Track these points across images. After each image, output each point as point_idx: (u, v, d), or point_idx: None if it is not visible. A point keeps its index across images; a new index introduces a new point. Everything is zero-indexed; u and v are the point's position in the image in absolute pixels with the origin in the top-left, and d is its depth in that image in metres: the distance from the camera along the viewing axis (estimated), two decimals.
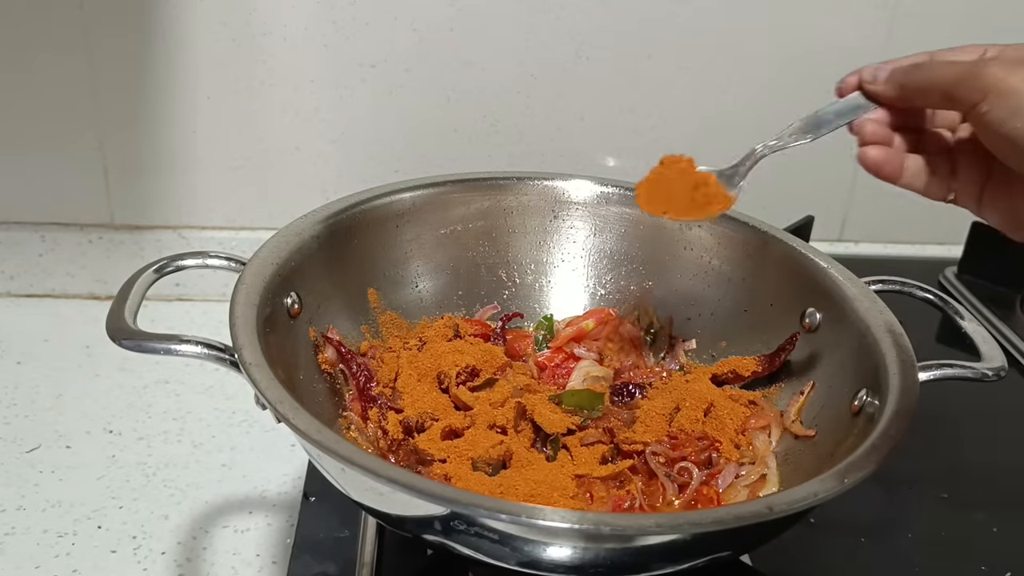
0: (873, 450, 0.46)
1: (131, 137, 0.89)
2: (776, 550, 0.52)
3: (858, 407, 0.54)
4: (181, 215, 0.93)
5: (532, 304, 0.72)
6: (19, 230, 0.92)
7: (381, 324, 0.66)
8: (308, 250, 0.61)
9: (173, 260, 0.59)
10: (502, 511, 0.41)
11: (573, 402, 0.60)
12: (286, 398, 0.46)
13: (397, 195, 0.67)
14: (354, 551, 0.60)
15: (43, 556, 0.63)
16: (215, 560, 0.64)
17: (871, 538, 0.63)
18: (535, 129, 0.93)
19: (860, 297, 0.59)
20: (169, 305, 0.95)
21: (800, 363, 0.63)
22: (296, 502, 0.68)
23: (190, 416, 0.79)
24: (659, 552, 0.44)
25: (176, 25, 0.85)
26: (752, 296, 0.67)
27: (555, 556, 0.43)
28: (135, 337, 0.50)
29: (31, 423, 0.76)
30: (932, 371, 0.54)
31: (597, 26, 0.89)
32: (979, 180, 0.53)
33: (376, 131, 0.91)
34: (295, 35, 0.86)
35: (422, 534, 0.47)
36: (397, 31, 0.87)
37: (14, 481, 0.70)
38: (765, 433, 0.60)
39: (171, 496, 0.70)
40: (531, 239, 0.72)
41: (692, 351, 0.68)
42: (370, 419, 0.59)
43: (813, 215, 0.90)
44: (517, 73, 0.90)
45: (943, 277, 0.99)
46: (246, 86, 0.88)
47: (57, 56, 0.85)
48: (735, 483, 0.57)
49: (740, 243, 0.67)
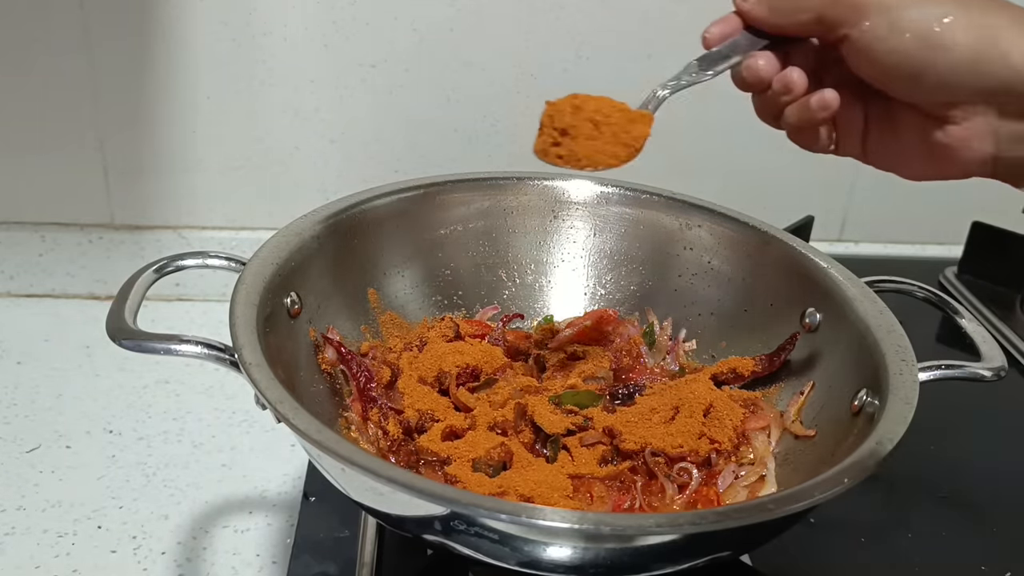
0: (873, 450, 0.46)
1: (131, 137, 0.89)
2: (776, 550, 0.52)
3: (858, 407, 0.54)
4: (181, 215, 0.93)
5: (532, 304, 0.72)
6: (19, 230, 0.92)
7: (381, 324, 0.66)
8: (308, 250, 0.61)
9: (173, 260, 0.59)
10: (502, 511, 0.40)
11: (573, 402, 0.60)
12: (286, 398, 0.46)
13: (397, 195, 0.67)
14: (354, 551, 0.60)
15: (43, 556, 0.63)
16: (215, 560, 0.64)
17: (871, 538, 0.63)
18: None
19: (860, 297, 0.59)
20: (169, 305, 0.95)
21: (800, 363, 0.63)
22: (296, 502, 0.68)
23: (190, 416, 0.79)
24: (659, 552, 0.44)
25: (176, 25, 0.85)
26: (752, 296, 0.67)
27: (555, 556, 0.43)
28: (135, 337, 0.50)
29: (31, 423, 0.76)
30: (932, 371, 0.54)
31: (597, 26, 0.89)
32: (858, 122, 0.49)
33: (376, 131, 0.91)
34: (295, 35, 0.86)
35: (422, 534, 0.47)
36: (397, 31, 0.87)
37: (14, 481, 0.70)
38: (765, 433, 0.60)
39: (171, 496, 0.70)
40: (531, 239, 0.72)
41: (692, 351, 0.68)
42: (370, 419, 0.59)
43: (813, 215, 0.90)
44: (517, 73, 0.90)
45: (943, 277, 0.99)
46: (246, 86, 0.88)
47: (57, 56, 0.85)
48: (735, 484, 0.56)
49: (740, 243, 0.67)
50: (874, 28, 0.43)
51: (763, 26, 0.49)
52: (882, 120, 0.49)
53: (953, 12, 0.42)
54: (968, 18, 0.42)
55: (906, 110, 0.47)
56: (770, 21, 0.48)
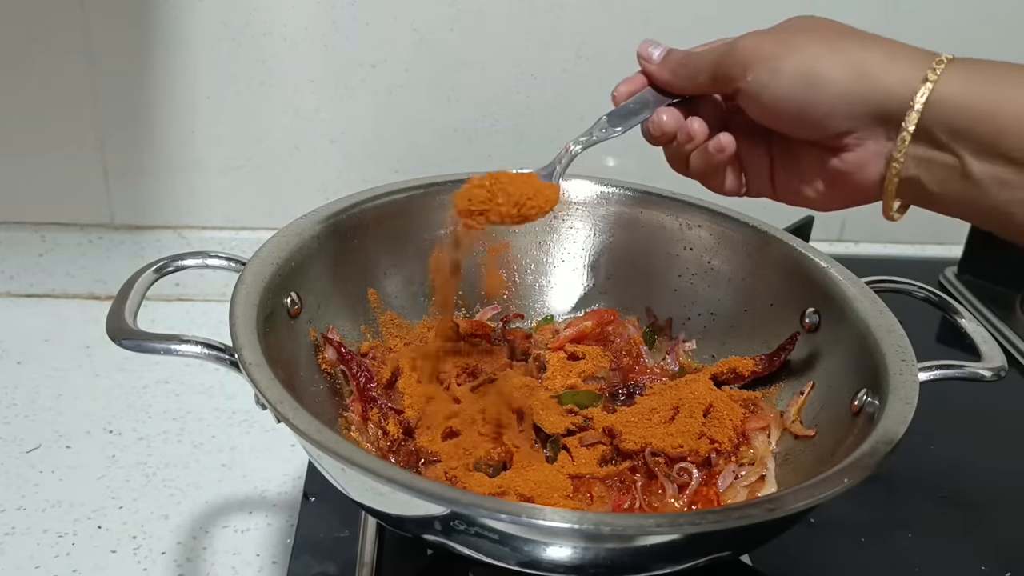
0: (873, 450, 0.46)
1: (131, 137, 0.89)
2: (776, 550, 0.52)
3: (858, 407, 0.54)
4: (181, 215, 0.93)
5: (532, 304, 0.72)
6: (19, 230, 0.92)
7: (381, 324, 0.66)
8: (308, 250, 0.61)
9: (173, 260, 0.59)
10: (502, 511, 0.41)
11: (573, 402, 0.60)
12: (286, 398, 0.46)
13: (397, 195, 0.67)
14: (354, 551, 0.60)
15: (43, 556, 0.63)
16: (215, 560, 0.64)
17: (871, 538, 0.63)
18: (535, 129, 0.93)
19: (860, 297, 0.59)
20: (169, 305, 0.95)
21: (800, 363, 0.63)
22: (296, 502, 0.68)
23: (190, 416, 0.79)
24: (659, 552, 0.44)
25: (176, 25, 0.85)
26: (752, 296, 0.67)
27: (555, 556, 0.43)
28: (135, 337, 0.50)
29: (31, 423, 0.76)
30: (932, 371, 0.54)
31: (597, 26, 0.89)
32: (765, 163, 0.53)
33: (376, 131, 0.91)
34: (295, 35, 0.86)
35: (422, 534, 0.47)
36: (397, 31, 0.87)
37: (14, 481, 0.70)
38: (764, 434, 0.60)
39: (171, 496, 0.70)
40: (531, 239, 0.72)
41: (692, 351, 0.68)
42: (370, 419, 0.59)
43: (813, 215, 0.90)
44: (517, 73, 0.90)
45: (943, 277, 0.99)
46: (246, 86, 0.88)
47: (57, 56, 0.85)
48: (735, 484, 0.57)
49: (740, 243, 0.67)
50: (758, 78, 0.48)
51: (667, 88, 0.54)
52: (785, 159, 0.52)
53: (826, 54, 0.46)
54: (840, 55, 0.46)
55: (804, 146, 0.50)
56: (673, 84, 0.53)
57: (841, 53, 0.46)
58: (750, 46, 0.49)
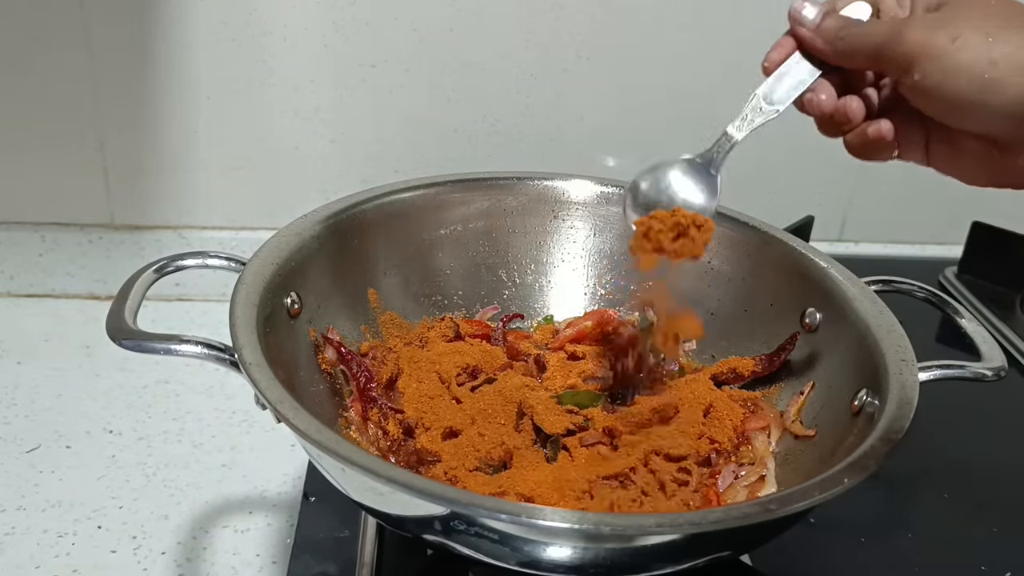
0: (873, 450, 0.46)
1: (131, 137, 0.89)
2: (776, 550, 0.52)
3: (858, 407, 0.54)
4: (181, 215, 0.93)
5: (532, 304, 0.72)
6: (19, 230, 0.92)
7: (381, 324, 0.66)
8: (308, 250, 0.61)
9: (173, 260, 0.59)
10: (502, 511, 0.40)
11: (573, 402, 0.60)
12: (286, 398, 0.46)
13: (397, 195, 0.67)
14: (354, 551, 0.60)
15: (43, 556, 0.63)
16: (215, 560, 0.64)
17: (871, 538, 0.63)
18: (535, 129, 0.93)
19: (860, 297, 0.59)
20: (169, 305, 0.95)
21: (800, 363, 0.63)
22: (296, 502, 0.68)
23: (190, 416, 0.79)
24: (659, 552, 0.44)
25: (176, 25, 0.85)
26: (752, 296, 0.67)
27: (555, 556, 0.43)
28: (135, 337, 0.50)
29: (31, 423, 0.76)
30: (932, 371, 0.54)
31: (597, 26, 0.89)
32: (920, 138, 0.51)
33: (376, 131, 0.91)
34: (295, 35, 0.86)
35: (422, 534, 0.47)
36: (397, 31, 0.87)
37: (14, 481, 0.70)
38: (764, 434, 0.60)
39: (171, 496, 0.70)
40: (531, 239, 0.72)
41: (692, 351, 0.68)
42: (370, 419, 0.59)
43: (813, 215, 0.90)
44: (517, 73, 0.90)
45: (943, 277, 0.99)
46: (246, 86, 0.88)
47: (57, 56, 0.85)
48: (735, 484, 0.57)
49: (740, 243, 0.67)
50: (928, 77, 0.45)
51: (821, 57, 0.51)
52: (944, 140, 0.50)
53: (1002, 53, 0.43)
54: (1017, 56, 0.43)
55: (967, 135, 0.48)
56: (828, 58, 0.51)
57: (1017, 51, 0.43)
58: (919, 40, 0.45)
